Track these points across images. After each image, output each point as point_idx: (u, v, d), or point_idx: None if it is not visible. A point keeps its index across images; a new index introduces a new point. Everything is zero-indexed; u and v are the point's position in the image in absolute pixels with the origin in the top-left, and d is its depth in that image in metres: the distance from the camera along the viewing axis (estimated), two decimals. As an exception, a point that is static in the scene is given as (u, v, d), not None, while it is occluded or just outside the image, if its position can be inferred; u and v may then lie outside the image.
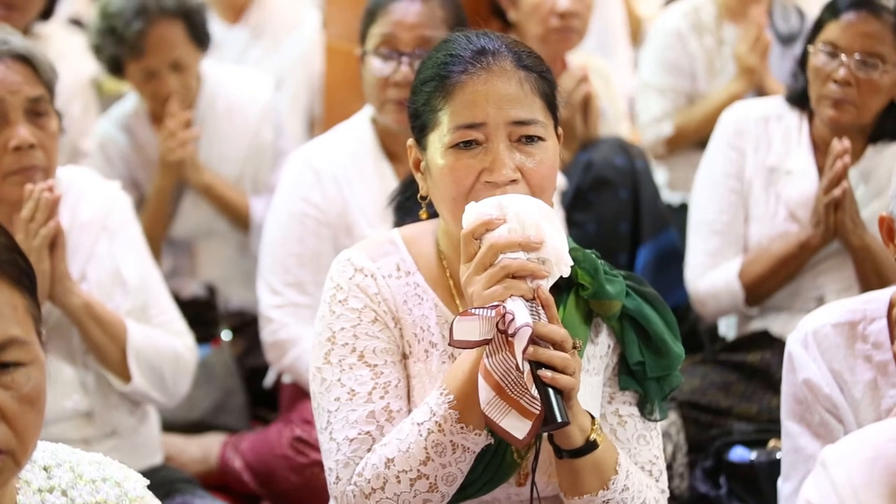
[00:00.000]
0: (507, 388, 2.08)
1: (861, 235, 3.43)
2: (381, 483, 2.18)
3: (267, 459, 3.64)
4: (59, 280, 2.95)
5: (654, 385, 2.30)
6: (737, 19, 4.73)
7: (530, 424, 2.07)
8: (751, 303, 3.63)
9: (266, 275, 3.62)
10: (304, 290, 3.55)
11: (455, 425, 2.15)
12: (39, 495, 1.83)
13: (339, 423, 2.23)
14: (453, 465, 2.17)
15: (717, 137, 3.73)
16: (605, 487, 2.20)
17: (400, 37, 3.42)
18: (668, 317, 2.31)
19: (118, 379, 3.09)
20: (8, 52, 2.93)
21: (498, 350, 2.09)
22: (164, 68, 4.14)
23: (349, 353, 2.26)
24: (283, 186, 3.62)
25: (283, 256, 3.56)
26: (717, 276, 3.64)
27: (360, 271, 2.29)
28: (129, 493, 1.89)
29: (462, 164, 2.21)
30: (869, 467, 1.84)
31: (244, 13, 5.09)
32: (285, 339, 3.59)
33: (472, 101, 2.21)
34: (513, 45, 2.26)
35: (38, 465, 1.85)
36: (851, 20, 3.42)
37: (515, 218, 2.13)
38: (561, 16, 4.11)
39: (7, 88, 2.91)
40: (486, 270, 2.11)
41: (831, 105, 3.46)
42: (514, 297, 2.09)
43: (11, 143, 2.92)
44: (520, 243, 2.12)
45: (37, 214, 2.90)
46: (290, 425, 3.62)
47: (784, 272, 3.57)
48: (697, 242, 3.71)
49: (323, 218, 3.53)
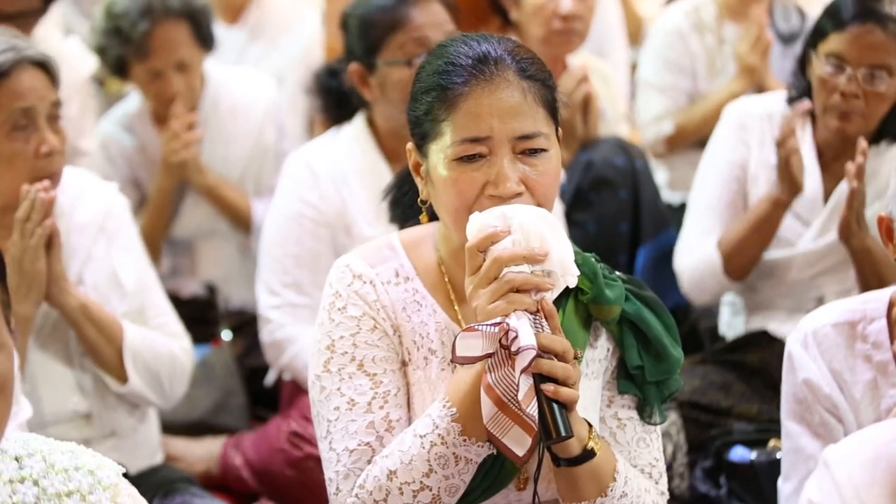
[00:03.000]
0: (509, 404, 2.07)
1: (862, 238, 3.43)
2: (384, 495, 2.17)
3: (265, 454, 3.65)
4: (55, 280, 2.95)
5: (653, 389, 2.29)
6: (738, 18, 4.73)
7: (531, 440, 2.07)
8: (730, 273, 3.60)
9: (264, 275, 3.62)
10: (301, 291, 3.55)
11: (458, 437, 2.14)
12: (10, 486, 1.81)
13: (339, 433, 2.23)
14: (456, 476, 2.16)
15: (722, 128, 3.72)
16: (604, 494, 2.19)
17: (432, 37, 3.39)
18: (668, 320, 2.30)
19: (115, 380, 3.09)
20: (29, 59, 2.95)
21: (500, 365, 2.08)
22: (169, 69, 4.14)
23: (348, 362, 2.25)
24: (282, 187, 3.62)
25: (282, 257, 3.57)
26: (700, 250, 3.64)
27: (359, 278, 2.28)
28: (103, 482, 1.87)
29: (466, 176, 2.19)
30: (871, 467, 1.84)
31: (243, 13, 5.08)
32: (283, 339, 3.59)
33: (476, 114, 2.18)
34: (514, 52, 2.23)
35: (8, 455, 1.83)
36: (858, 33, 3.38)
37: (520, 229, 2.12)
38: (563, 18, 4.11)
39: (36, 95, 2.95)
40: (491, 284, 2.10)
41: (838, 117, 3.45)
42: (518, 312, 2.08)
43: (43, 149, 2.95)
44: (524, 256, 2.11)
45: (32, 214, 2.90)
46: (288, 420, 3.63)
47: (759, 235, 3.54)
48: (691, 222, 3.71)
49: (321, 218, 3.53)
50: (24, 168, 2.95)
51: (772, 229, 3.54)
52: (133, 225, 3.25)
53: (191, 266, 4.35)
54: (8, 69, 2.92)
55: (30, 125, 2.95)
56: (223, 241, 4.33)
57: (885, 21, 3.37)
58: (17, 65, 2.92)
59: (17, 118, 2.93)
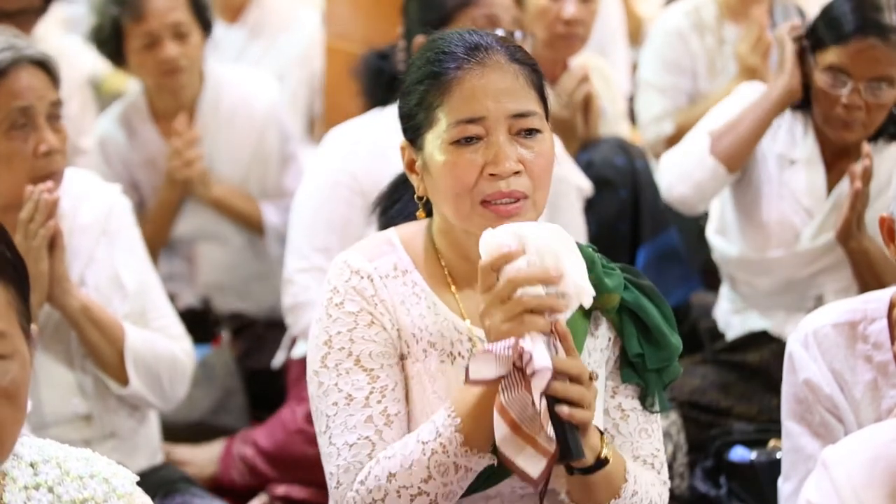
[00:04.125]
0: (523, 426, 2.07)
1: (860, 240, 3.43)
2: (382, 495, 2.17)
3: (282, 439, 3.67)
4: (57, 281, 2.94)
5: (654, 376, 2.31)
6: (738, 19, 4.73)
7: (545, 462, 2.07)
8: (718, 154, 3.59)
9: (294, 238, 3.65)
10: (330, 256, 3.51)
11: (460, 448, 2.15)
12: (25, 492, 1.82)
13: (338, 427, 2.23)
14: (454, 483, 2.17)
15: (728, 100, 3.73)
16: (617, 496, 2.21)
17: (502, 18, 3.48)
18: (665, 309, 2.31)
19: (116, 382, 3.08)
20: (28, 58, 2.95)
21: (513, 386, 2.07)
22: (165, 33, 4.10)
23: (346, 358, 2.25)
24: (321, 156, 3.65)
25: (314, 221, 3.60)
26: (686, 140, 3.65)
27: (357, 273, 2.29)
28: (118, 490, 1.88)
29: (464, 159, 2.21)
30: (870, 468, 1.84)
31: (243, 12, 5.09)
32: (304, 302, 3.61)
33: (471, 96, 2.21)
34: (502, 40, 2.28)
35: (24, 461, 1.83)
36: (860, 47, 3.37)
37: (535, 250, 2.10)
38: (566, 23, 4.12)
39: (35, 94, 2.94)
40: (504, 304, 2.09)
41: (840, 127, 3.46)
42: (532, 333, 2.07)
43: (42, 149, 2.94)
44: (539, 278, 2.09)
45: (36, 215, 2.90)
46: (304, 403, 3.64)
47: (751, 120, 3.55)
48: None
49: (357, 187, 3.54)
50: (22, 167, 2.94)
51: (767, 118, 3.54)
52: (135, 226, 3.24)
53: (189, 271, 4.34)
54: (6, 68, 2.92)
55: (28, 124, 2.94)
56: (221, 246, 4.32)
57: (886, 33, 3.35)
58: (15, 64, 2.92)
59: (15, 117, 2.93)
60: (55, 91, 2.99)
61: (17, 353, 1.72)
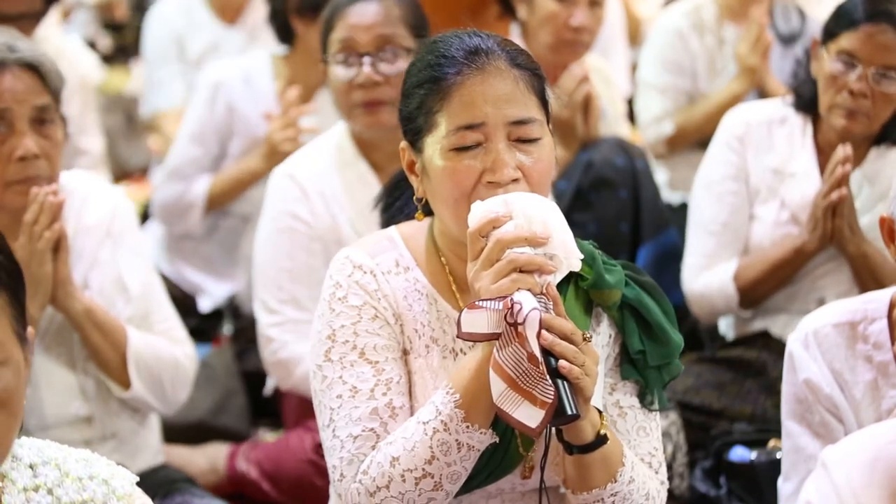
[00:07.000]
0: (518, 380, 2.09)
1: (858, 243, 3.43)
2: (387, 481, 2.18)
3: (290, 466, 3.60)
4: (61, 284, 2.94)
5: (655, 373, 2.31)
6: (738, 19, 4.73)
7: (543, 413, 2.07)
8: (745, 305, 3.63)
9: (260, 294, 3.55)
10: (300, 306, 3.48)
11: (461, 424, 2.15)
12: (24, 494, 1.81)
13: (343, 420, 2.23)
14: (458, 463, 2.17)
15: (717, 140, 3.72)
16: (614, 480, 2.21)
17: (358, 39, 3.42)
18: (666, 305, 2.32)
19: (118, 385, 3.08)
20: (16, 60, 2.92)
21: (508, 343, 2.09)
22: None
23: (350, 350, 2.26)
24: (269, 203, 3.55)
25: (275, 273, 3.50)
26: (712, 277, 3.63)
27: (360, 268, 2.29)
28: (117, 491, 1.87)
29: (463, 165, 2.21)
30: (869, 468, 1.84)
31: (241, 13, 5.08)
32: (289, 358, 3.52)
33: (470, 102, 2.21)
34: (504, 44, 2.27)
35: (23, 463, 1.83)
36: (870, 32, 3.38)
37: (522, 214, 2.14)
38: (574, 30, 4.12)
39: (13, 97, 2.91)
40: (493, 265, 2.11)
41: (844, 115, 3.45)
42: (522, 290, 2.09)
43: (17, 153, 2.91)
44: (526, 238, 2.12)
45: (41, 218, 2.89)
46: (311, 433, 3.57)
47: (779, 276, 3.56)
48: (694, 243, 3.71)
49: (312, 233, 3.47)
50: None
51: (793, 273, 3.55)
52: (139, 229, 3.24)
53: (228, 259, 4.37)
54: None
55: (5, 128, 2.91)
56: None
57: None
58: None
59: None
60: (45, 95, 2.95)
61: (11, 359, 1.72)
